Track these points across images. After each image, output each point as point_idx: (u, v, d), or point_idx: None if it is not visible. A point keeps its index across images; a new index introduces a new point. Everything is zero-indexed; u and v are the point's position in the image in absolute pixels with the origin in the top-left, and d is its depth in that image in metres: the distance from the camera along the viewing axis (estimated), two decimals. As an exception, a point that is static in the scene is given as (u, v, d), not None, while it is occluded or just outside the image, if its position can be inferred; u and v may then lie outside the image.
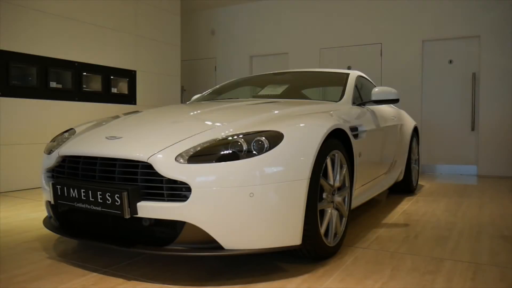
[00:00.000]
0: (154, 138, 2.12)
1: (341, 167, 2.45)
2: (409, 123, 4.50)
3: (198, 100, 3.86)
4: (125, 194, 1.91)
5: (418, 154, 4.94)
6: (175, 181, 1.95)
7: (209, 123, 2.28)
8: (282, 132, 2.03)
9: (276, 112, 2.46)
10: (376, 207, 3.79)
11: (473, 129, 6.19)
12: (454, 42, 6.28)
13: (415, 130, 4.64)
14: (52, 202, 2.21)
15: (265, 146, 1.96)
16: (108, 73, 5.76)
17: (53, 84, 5.04)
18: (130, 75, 6.12)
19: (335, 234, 2.38)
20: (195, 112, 2.53)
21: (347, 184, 2.54)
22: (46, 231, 2.93)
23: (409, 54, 6.51)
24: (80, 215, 2.35)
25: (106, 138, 2.21)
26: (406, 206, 3.86)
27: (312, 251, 2.18)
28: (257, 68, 7.91)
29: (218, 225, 1.91)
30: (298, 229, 2.03)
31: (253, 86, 4.17)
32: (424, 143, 6.44)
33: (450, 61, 6.32)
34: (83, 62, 5.40)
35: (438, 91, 6.42)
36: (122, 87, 6.00)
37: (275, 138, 2.00)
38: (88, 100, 5.47)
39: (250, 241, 1.95)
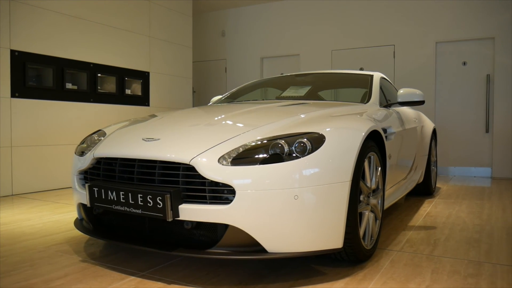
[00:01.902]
0: (193, 140, 2.10)
1: (376, 169, 2.43)
2: (429, 124, 4.48)
3: (218, 102, 3.84)
4: (167, 196, 1.88)
5: (436, 156, 4.92)
6: (216, 184, 1.93)
7: (246, 125, 2.25)
8: (324, 134, 2.01)
9: (310, 114, 2.43)
10: (398, 210, 3.76)
11: (487, 131, 6.17)
12: (468, 43, 6.27)
13: (434, 132, 4.62)
14: (88, 204, 2.19)
15: (308, 148, 1.94)
16: (122, 74, 5.74)
17: (68, 85, 5.02)
18: (143, 77, 6.10)
19: (371, 236, 2.36)
20: (228, 114, 2.51)
21: (380, 186, 2.52)
22: (72, 233, 2.91)
23: (422, 56, 6.50)
24: (114, 218, 2.33)
25: (143, 139, 2.18)
26: (428, 209, 3.84)
27: (352, 254, 2.16)
28: (267, 70, 7.90)
29: (262, 228, 1.88)
30: (340, 232, 2.00)
31: (272, 88, 4.15)
32: (438, 145, 6.42)
33: (464, 63, 6.30)
34: (98, 63, 5.39)
35: (451, 93, 6.41)
36: (135, 88, 5.98)
37: (317, 140, 1.98)
38: (103, 102, 5.45)
39: (293, 244, 1.93)
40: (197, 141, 2.07)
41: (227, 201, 1.92)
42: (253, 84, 4.06)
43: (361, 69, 6.75)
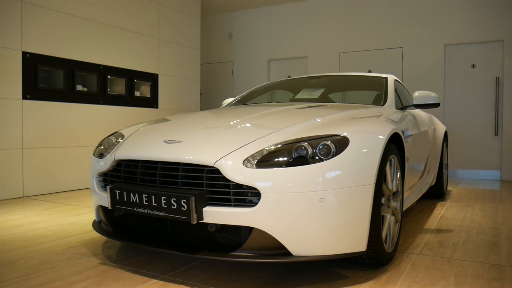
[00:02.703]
0: (215, 143, 2.09)
1: (396, 171, 2.42)
2: (440, 127, 4.47)
3: (231, 104, 3.83)
4: (192, 199, 1.87)
5: (447, 159, 4.90)
6: (240, 186, 1.92)
7: (267, 127, 2.24)
8: (348, 137, 2.00)
9: (329, 116, 2.42)
10: (411, 213, 3.75)
11: (496, 133, 6.15)
12: (477, 46, 6.26)
13: (445, 134, 4.61)
14: (109, 207, 2.18)
15: (332, 150, 1.93)
16: (131, 76, 5.74)
17: (79, 87, 5.02)
18: (152, 79, 6.10)
19: (391, 240, 2.35)
20: (247, 117, 2.50)
21: (399, 189, 2.51)
22: (89, 235, 2.90)
23: (431, 59, 6.49)
24: (134, 220, 2.32)
25: (165, 142, 2.17)
26: (442, 211, 3.82)
27: (374, 257, 2.15)
28: (275, 72, 7.89)
29: (287, 231, 1.87)
30: (365, 235, 1.99)
31: (284, 90, 4.14)
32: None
33: (473, 66, 6.29)
34: (107, 65, 5.39)
35: (460, 96, 6.39)
36: (144, 90, 5.98)
37: (341, 143, 1.97)
38: (112, 104, 5.45)
39: (318, 247, 1.92)
40: (220, 144, 2.06)
41: (251, 203, 1.91)
42: (265, 86, 4.06)
43: (369, 71, 6.74)
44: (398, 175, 2.45)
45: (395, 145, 2.43)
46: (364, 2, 6.97)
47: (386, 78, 3.54)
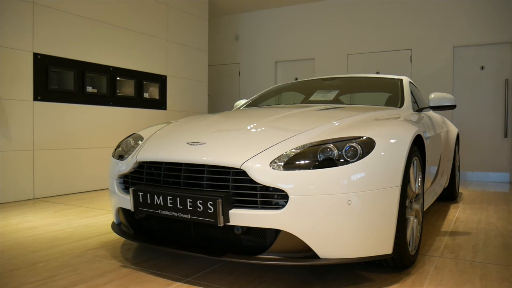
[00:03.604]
0: (240, 145, 2.07)
1: (418, 173, 2.41)
2: (453, 129, 4.46)
3: (244, 106, 3.81)
4: (219, 201, 1.86)
5: (459, 161, 4.88)
6: (267, 188, 1.90)
7: (290, 129, 2.21)
8: (373, 139, 1.99)
9: (351, 118, 2.40)
10: (426, 215, 3.73)
11: (505, 135, 6.13)
12: (486, 48, 6.25)
13: (457, 137, 4.59)
14: (132, 209, 2.16)
15: (359, 152, 1.91)
16: (140, 78, 5.73)
17: (89, 89, 5.01)
18: (161, 80, 6.09)
19: (414, 242, 2.33)
20: (268, 119, 2.47)
21: (420, 191, 2.49)
22: (106, 237, 2.88)
23: (439, 60, 6.48)
24: (155, 223, 2.31)
25: (188, 143, 2.16)
26: (456, 214, 3.80)
27: (398, 260, 2.13)
28: (281, 74, 7.88)
29: (314, 234, 1.86)
30: (391, 238, 1.98)
31: (295, 92, 4.12)
32: (455, 149, 6.38)
33: (482, 67, 6.28)
34: (117, 66, 5.38)
35: (469, 98, 6.37)
36: (153, 92, 5.97)
37: (367, 145, 1.95)
38: (122, 105, 5.44)
39: (345, 250, 1.90)
40: (245, 146, 2.04)
41: (277, 206, 1.89)
42: (278, 88, 4.05)
43: (377, 73, 6.73)
44: (420, 177, 2.44)
45: (416, 147, 2.42)
46: (372, 3, 6.96)
47: (401, 80, 3.52)
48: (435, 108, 3.27)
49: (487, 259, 2.45)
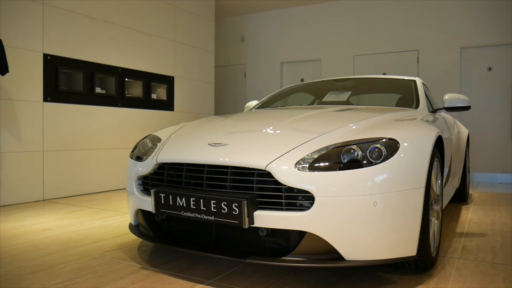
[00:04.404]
0: (262, 146, 2.06)
1: (438, 174, 2.40)
2: (464, 130, 4.45)
3: (255, 107, 3.80)
4: (244, 203, 1.85)
5: (469, 162, 4.88)
6: (291, 189, 1.89)
7: (311, 131, 2.20)
8: (397, 140, 1.98)
9: (371, 119, 2.39)
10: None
11: (513, 137, 6.13)
12: (493, 49, 6.24)
13: (468, 138, 4.59)
14: (153, 211, 2.15)
15: (384, 153, 1.90)
16: (148, 79, 5.72)
17: (98, 90, 5.00)
18: (168, 81, 6.08)
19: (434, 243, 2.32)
20: (288, 120, 2.46)
21: (440, 192, 2.48)
22: (121, 239, 2.87)
23: (447, 62, 6.47)
24: (175, 224, 2.30)
25: (209, 145, 2.15)
26: (469, 215, 3.79)
27: (421, 262, 2.12)
28: (287, 75, 7.87)
29: (340, 235, 1.85)
30: (415, 239, 1.97)
31: (306, 93, 4.11)
32: (462, 150, 6.37)
33: (489, 68, 6.28)
34: (125, 67, 5.37)
35: (476, 99, 6.36)
36: (160, 93, 5.96)
37: (392, 146, 1.94)
38: (130, 106, 5.43)
39: (370, 251, 1.89)
40: (267, 147, 2.03)
41: (302, 207, 1.88)
42: (290, 89, 4.04)
43: (384, 74, 6.72)
44: (439, 179, 2.43)
45: (436, 148, 2.41)
46: (379, 4, 6.96)
47: (414, 81, 3.52)
48: (449, 109, 3.26)
49: (507, 260, 2.44)
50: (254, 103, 3.98)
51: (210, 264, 2.32)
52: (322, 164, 1.89)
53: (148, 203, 2.25)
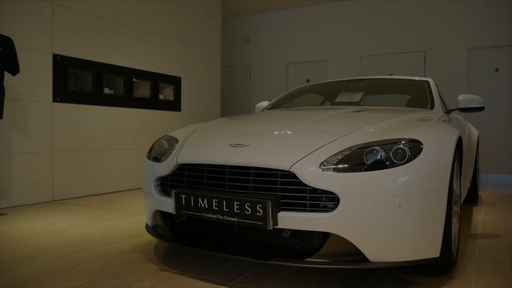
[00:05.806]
0: (285, 147, 2.05)
1: (458, 176, 2.39)
2: (474, 131, 4.44)
3: (266, 108, 3.79)
4: (269, 204, 1.84)
5: (479, 163, 4.87)
6: (315, 191, 1.88)
7: (332, 132, 2.18)
8: (420, 141, 1.97)
9: (390, 120, 2.37)
10: (451, 217, 3.71)
11: (520, 137, 6.12)
12: (500, 50, 6.23)
13: (478, 139, 4.58)
14: (174, 212, 2.14)
15: (407, 154, 1.89)
16: (156, 80, 5.71)
17: (106, 90, 4.99)
18: (175, 82, 6.07)
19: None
20: (307, 121, 2.44)
21: (459, 193, 2.48)
22: (137, 240, 2.86)
23: (454, 63, 6.46)
24: (194, 226, 2.29)
25: (230, 145, 2.14)
26: (481, 216, 3.79)
27: (443, 263, 2.11)
28: (293, 76, 7.86)
29: (365, 237, 1.84)
30: (439, 240, 1.96)
31: (316, 94, 4.10)
32: (469, 151, 6.36)
33: (497, 69, 6.27)
34: (133, 68, 5.36)
35: (484, 100, 6.33)
36: (168, 93, 5.95)
37: (415, 147, 1.93)
38: (138, 107, 5.42)
39: (394, 253, 1.88)
40: (290, 148, 2.02)
41: (325, 208, 1.87)
42: (301, 89, 4.03)
43: (391, 75, 6.70)
44: (458, 180, 2.42)
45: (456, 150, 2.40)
46: (385, 5, 6.95)
47: (427, 82, 3.51)
48: (464, 110, 3.25)
49: (526, 262, 2.44)
50: (265, 103, 3.97)
51: (228, 265, 2.31)
52: (346, 165, 1.88)
53: (167, 204, 2.23)
